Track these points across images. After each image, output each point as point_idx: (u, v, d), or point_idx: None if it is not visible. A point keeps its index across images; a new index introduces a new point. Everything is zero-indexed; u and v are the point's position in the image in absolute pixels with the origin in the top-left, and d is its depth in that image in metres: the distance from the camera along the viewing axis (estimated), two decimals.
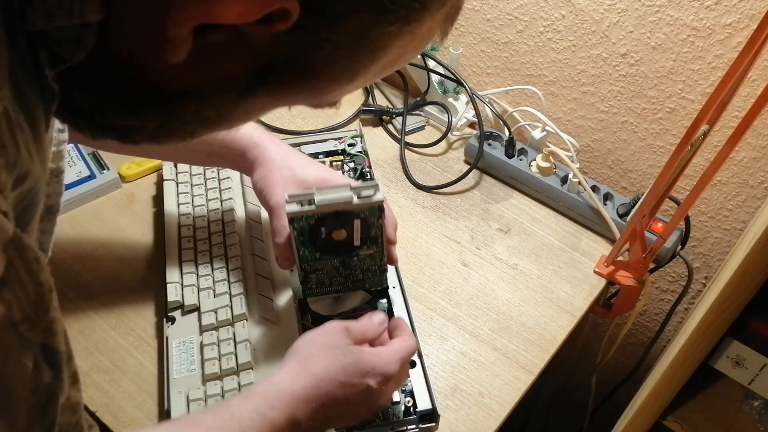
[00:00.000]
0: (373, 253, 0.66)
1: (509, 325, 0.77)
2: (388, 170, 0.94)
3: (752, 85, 0.76)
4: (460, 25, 0.97)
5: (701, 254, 0.95)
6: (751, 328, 0.64)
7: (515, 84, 0.97)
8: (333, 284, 0.70)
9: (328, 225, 0.62)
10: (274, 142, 0.71)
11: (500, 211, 0.90)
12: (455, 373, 0.72)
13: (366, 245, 0.65)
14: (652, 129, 0.88)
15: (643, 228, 0.76)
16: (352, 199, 0.60)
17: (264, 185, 0.67)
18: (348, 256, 0.66)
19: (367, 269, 0.69)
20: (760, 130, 0.79)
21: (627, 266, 0.82)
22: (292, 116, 1.00)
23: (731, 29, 0.74)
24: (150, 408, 0.67)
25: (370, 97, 1.04)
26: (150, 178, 0.89)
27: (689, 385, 0.67)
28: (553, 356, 0.75)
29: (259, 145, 0.69)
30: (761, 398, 0.71)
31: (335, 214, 0.61)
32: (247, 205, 0.81)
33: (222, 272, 0.74)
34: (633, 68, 0.84)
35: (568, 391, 1.20)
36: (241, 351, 0.67)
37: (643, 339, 1.12)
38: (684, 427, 0.72)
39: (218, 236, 0.78)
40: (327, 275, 0.68)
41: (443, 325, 0.76)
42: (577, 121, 0.94)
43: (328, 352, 0.57)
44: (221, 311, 0.70)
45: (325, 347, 0.57)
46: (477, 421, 0.68)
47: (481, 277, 0.81)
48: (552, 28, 0.87)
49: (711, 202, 0.89)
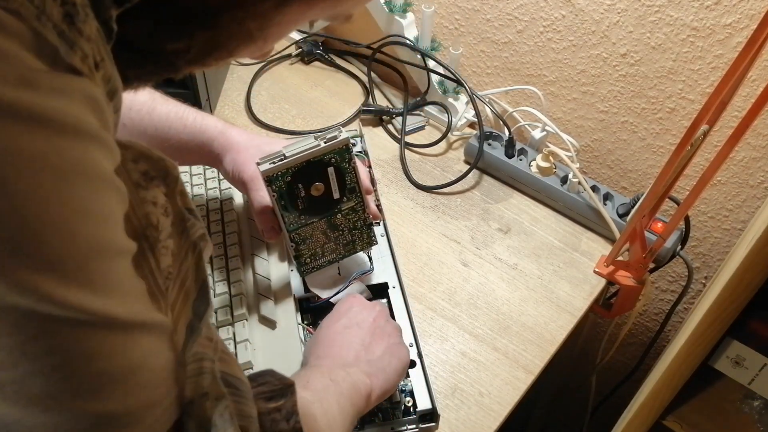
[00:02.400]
0: (354, 205, 0.70)
1: (509, 325, 0.77)
2: (388, 170, 0.94)
3: (752, 85, 0.76)
4: (460, 25, 0.97)
5: (701, 254, 0.95)
6: (751, 328, 0.64)
7: (515, 84, 0.97)
8: (325, 253, 0.72)
9: (304, 181, 0.65)
10: (236, 129, 0.74)
11: (500, 211, 0.90)
12: (455, 373, 0.72)
13: (345, 196, 0.68)
14: (652, 129, 0.88)
15: (643, 228, 0.76)
16: (318, 144, 0.64)
17: (235, 166, 0.71)
18: (332, 214, 0.69)
19: (353, 227, 0.71)
20: (760, 130, 0.79)
21: (627, 266, 0.82)
22: (292, 116, 1.00)
23: (731, 29, 0.74)
24: None
25: (370, 97, 1.04)
26: None
27: (689, 385, 0.67)
28: (553, 356, 0.75)
29: (223, 132, 0.73)
30: (761, 398, 0.71)
31: (308, 165, 0.64)
32: (247, 205, 0.81)
33: (222, 272, 0.74)
34: (633, 68, 0.84)
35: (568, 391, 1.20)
36: (241, 351, 0.67)
37: (643, 339, 1.12)
38: (684, 427, 0.72)
39: (218, 236, 0.78)
40: (317, 243, 0.70)
41: (443, 325, 0.76)
42: (577, 121, 0.94)
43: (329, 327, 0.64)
44: (221, 311, 0.70)
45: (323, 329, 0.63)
46: (477, 421, 0.68)
47: (481, 277, 0.81)
48: (552, 28, 0.87)
49: (711, 202, 0.89)
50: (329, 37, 1.11)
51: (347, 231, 0.71)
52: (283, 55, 1.10)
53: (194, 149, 0.73)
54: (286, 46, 1.09)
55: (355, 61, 1.11)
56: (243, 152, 0.71)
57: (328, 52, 1.10)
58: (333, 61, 1.10)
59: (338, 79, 1.08)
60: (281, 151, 0.63)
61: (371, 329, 0.63)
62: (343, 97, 1.04)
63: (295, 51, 1.10)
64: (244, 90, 1.04)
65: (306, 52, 1.09)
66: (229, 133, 0.73)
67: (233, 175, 0.71)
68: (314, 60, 1.10)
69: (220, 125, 0.73)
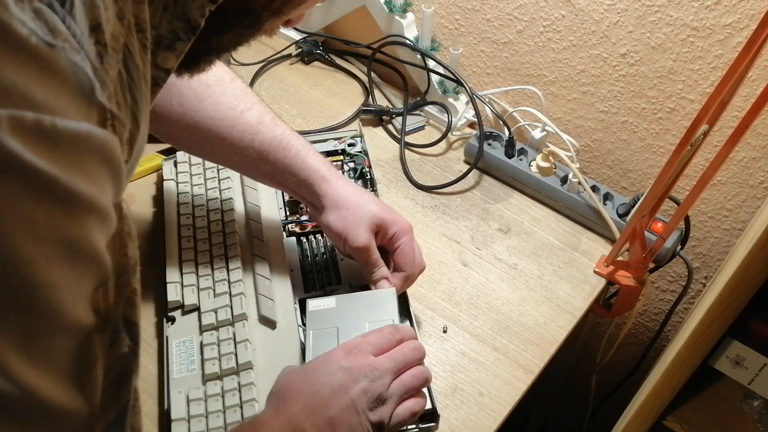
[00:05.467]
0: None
1: (509, 325, 0.77)
2: (388, 170, 0.94)
3: (752, 85, 0.76)
4: (460, 25, 0.97)
5: (701, 254, 0.95)
6: (751, 328, 0.64)
7: (515, 84, 0.97)
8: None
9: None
10: (342, 178, 0.71)
11: (500, 211, 0.90)
12: (455, 373, 0.72)
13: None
14: (652, 129, 0.88)
15: (642, 228, 0.76)
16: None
17: (344, 226, 0.68)
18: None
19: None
20: (760, 130, 0.79)
21: (627, 266, 0.82)
22: (292, 116, 1.00)
23: (731, 29, 0.74)
24: (150, 408, 0.67)
25: (370, 97, 1.04)
26: (150, 178, 0.89)
27: (689, 385, 0.67)
28: (553, 356, 0.75)
29: (328, 180, 0.70)
30: (761, 398, 0.71)
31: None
32: (247, 205, 0.81)
33: (222, 272, 0.74)
34: (633, 68, 0.84)
35: (568, 391, 1.20)
36: (241, 351, 0.67)
37: (643, 339, 1.12)
38: (684, 427, 0.72)
39: (218, 236, 0.78)
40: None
41: (443, 325, 0.76)
42: (577, 121, 0.94)
43: (303, 385, 0.55)
44: (221, 311, 0.70)
45: (302, 380, 0.56)
46: (477, 421, 0.68)
47: (481, 277, 0.81)
48: (552, 28, 0.87)
49: (711, 202, 0.89)
50: (329, 37, 1.11)
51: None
52: (283, 55, 1.10)
53: (289, 183, 0.71)
54: (286, 46, 1.09)
55: (355, 61, 1.11)
56: (354, 210, 0.69)
57: (328, 52, 1.10)
58: (333, 61, 1.10)
59: (338, 79, 1.08)
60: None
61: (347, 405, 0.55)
62: (343, 97, 1.04)
63: (295, 51, 1.10)
64: None
65: (306, 52, 1.09)
66: (335, 182, 0.70)
67: (338, 234, 0.69)
68: (314, 60, 1.10)
69: (324, 170, 0.70)
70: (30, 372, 0.26)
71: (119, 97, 0.31)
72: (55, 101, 0.25)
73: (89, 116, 0.27)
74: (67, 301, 0.27)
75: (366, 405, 0.54)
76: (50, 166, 0.25)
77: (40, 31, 0.25)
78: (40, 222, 0.25)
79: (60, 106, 0.25)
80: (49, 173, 0.25)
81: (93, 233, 0.28)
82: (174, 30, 0.36)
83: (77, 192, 0.26)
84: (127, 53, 0.32)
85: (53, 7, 0.26)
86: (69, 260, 0.27)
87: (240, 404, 0.64)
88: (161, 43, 0.37)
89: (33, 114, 0.24)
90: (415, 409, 0.58)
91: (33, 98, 0.24)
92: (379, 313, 0.66)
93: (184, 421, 0.63)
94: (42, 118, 0.25)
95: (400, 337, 0.60)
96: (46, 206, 0.25)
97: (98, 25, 0.29)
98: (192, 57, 0.40)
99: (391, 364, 0.57)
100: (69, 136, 0.26)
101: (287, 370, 0.58)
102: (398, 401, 0.57)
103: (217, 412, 0.64)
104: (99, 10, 0.28)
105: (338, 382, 0.54)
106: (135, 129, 0.34)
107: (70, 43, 0.26)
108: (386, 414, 0.55)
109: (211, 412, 0.64)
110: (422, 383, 0.59)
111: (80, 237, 0.27)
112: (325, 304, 0.68)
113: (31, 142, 0.24)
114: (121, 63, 0.32)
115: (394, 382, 0.57)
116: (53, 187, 0.25)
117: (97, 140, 0.27)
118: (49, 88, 0.25)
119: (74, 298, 0.28)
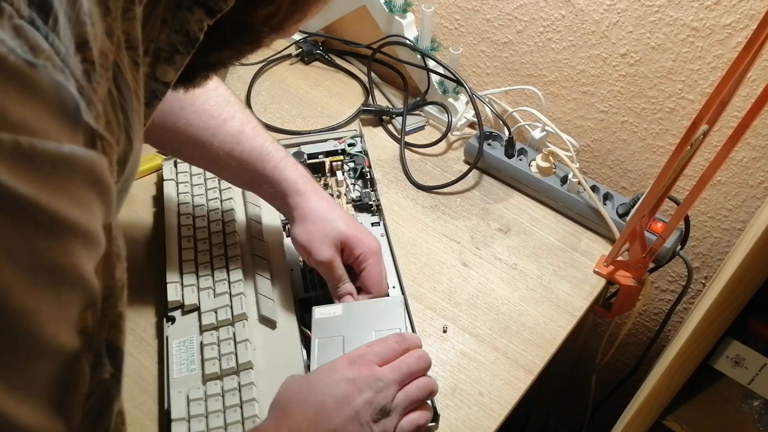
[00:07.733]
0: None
1: (509, 325, 0.77)
2: (388, 170, 0.94)
3: (752, 85, 0.76)
4: (460, 25, 0.97)
5: (701, 254, 0.95)
6: (750, 328, 0.64)
7: (515, 84, 0.97)
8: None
9: None
10: (318, 193, 0.72)
11: (500, 211, 0.90)
12: (455, 373, 0.72)
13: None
14: (651, 129, 0.88)
15: (642, 228, 0.76)
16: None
17: (309, 240, 0.69)
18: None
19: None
20: (760, 130, 0.79)
21: (627, 266, 0.82)
22: (292, 116, 1.00)
23: (731, 29, 0.74)
24: (150, 408, 0.67)
25: (370, 97, 1.04)
26: (150, 178, 0.89)
27: (689, 385, 0.67)
28: (553, 356, 0.75)
29: (302, 194, 0.70)
30: (761, 398, 0.71)
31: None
32: (247, 205, 0.81)
33: (222, 272, 0.74)
34: (633, 68, 0.84)
35: (568, 391, 1.20)
36: (241, 351, 0.67)
37: (643, 339, 1.12)
38: (684, 427, 0.72)
39: (218, 236, 0.78)
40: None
41: (443, 325, 0.76)
42: (577, 121, 0.94)
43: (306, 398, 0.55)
44: (221, 311, 0.70)
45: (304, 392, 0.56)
46: (477, 421, 0.68)
47: (481, 277, 0.81)
48: (552, 28, 0.87)
49: (710, 202, 0.89)
50: (329, 37, 1.11)
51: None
52: (283, 55, 1.10)
53: (266, 192, 0.72)
54: (286, 46, 1.09)
55: (355, 61, 1.11)
56: (319, 225, 0.69)
57: (328, 52, 1.10)
58: (333, 61, 1.10)
59: (338, 79, 1.08)
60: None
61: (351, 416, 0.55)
62: (343, 97, 1.04)
63: (295, 51, 1.10)
64: (244, 90, 1.04)
65: (306, 52, 1.09)
66: (308, 196, 0.70)
67: (303, 246, 0.69)
68: (314, 60, 1.10)
69: (301, 183, 0.71)
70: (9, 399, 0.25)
71: (110, 115, 0.31)
72: (34, 122, 0.24)
73: (74, 137, 0.26)
74: (50, 327, 0.26)
75: (370, 417, 0.54)
76: (29, 189, 0.24)
77: (20, 50, 0.24)
78: (18, 247, 0.24)
79: (40, 127, 0.24)
80: (27, 197, 0.24)
81: (78, 257, 0.27)
82: (173, 43, 0.36)
83: (60, 216, 0.25)
84: (117, 71, 0.31)
85: (35, 23, 0.25)
86: (51, 286, 0.26)
87: (240, 404, 0.64)
88: (160, 57, 0.36)
89: (10, 135, 0.23)
90: (420, 422, 0.58)
91: (11, 119, 0.23)
92: (387, 321, 0.66)
93: (184, 421, 0.63)
94: (19, 139, 0.24)
95: (405, 346, 0.60)
96: (25, 231, 0.24)
97: (85, 42, 0.28)
98: (189, 71, 0.40)
99: (395, 375, 0.57)
100: (50, 158, 0.25)
101: (290, 380, 0.58)
102: (402, 413, 0.56)
103: (217, 411, 0.64)
104: (86, 26, 0.27)
105: (342, 393, 0.54)
106: (128, 147, 0.33)
107: (53, 61, 0.25)
108: (390, 426, 0.55)
109: (211, 411, 0.64)
110: (427, 395, 0.59)
111: (65, 262, 0.26)
112: (331, 312, 0.67)
113: (8, 165, 0.23)
114: (112, 81, 0.31)
115: (399, 394, 0.56)
116: (33, 211, 0.24)
117: (82, 162, 0.26)
118: (29, 108, 0.24)
119: (57, 324, 0.27)
